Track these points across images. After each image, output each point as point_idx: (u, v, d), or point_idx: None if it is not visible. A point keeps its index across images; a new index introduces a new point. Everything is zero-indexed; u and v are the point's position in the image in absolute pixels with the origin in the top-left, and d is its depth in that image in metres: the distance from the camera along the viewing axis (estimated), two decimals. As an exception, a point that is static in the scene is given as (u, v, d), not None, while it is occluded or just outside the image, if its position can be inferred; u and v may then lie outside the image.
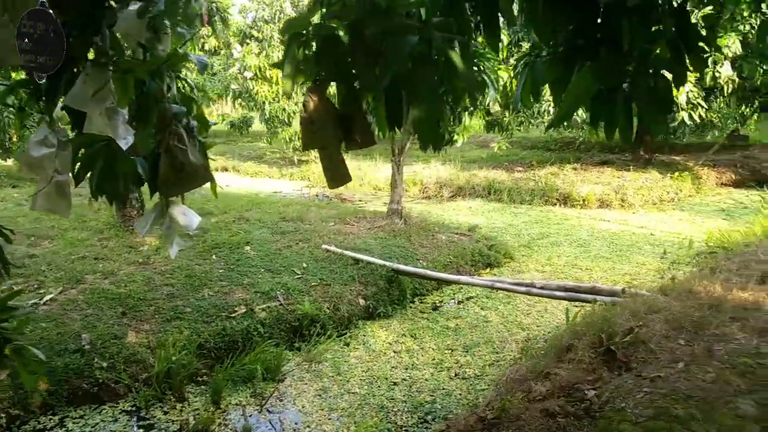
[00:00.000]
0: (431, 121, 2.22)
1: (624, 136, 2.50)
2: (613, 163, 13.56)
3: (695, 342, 3.27)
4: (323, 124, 2.50)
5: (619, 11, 2.42)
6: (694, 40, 2.89)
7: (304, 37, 2.31)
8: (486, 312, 6.09)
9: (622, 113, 2.51)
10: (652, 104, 2.55)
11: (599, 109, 2.56)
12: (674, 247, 8.24)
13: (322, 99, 2.45)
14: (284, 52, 2.34)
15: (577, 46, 2.61)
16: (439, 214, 11.01)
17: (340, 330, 5.68)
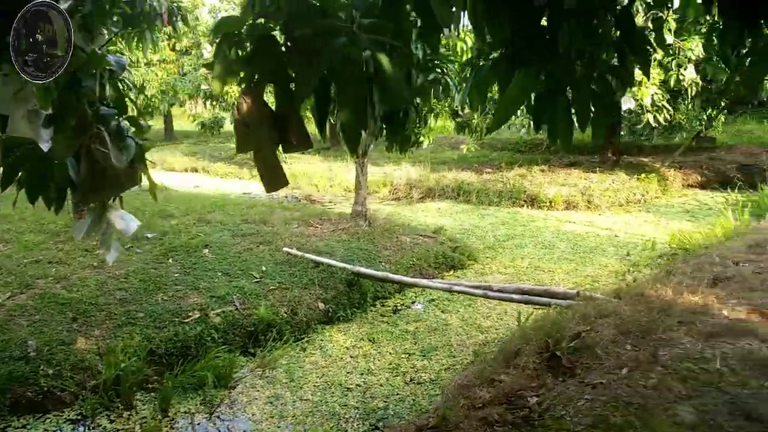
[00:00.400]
0: (355, 125, 2.15)
1: (564, 141, 2.46)
2: (581, 164, 13.65)
3: (641, 347, 3.25)
4: (257, 126, 2.41)
5: (557, 14, 2.38)
6: (639, 44, 2.88)
7: (237, 37, 2.24)
8: (446, 315, 6.05)
9: (562, 117, 2.47)
10: (596, 109, 2.52)
11: (541, 113, 2.53)
12: (637, 248, 8.30)
13: (257, 101, 2.36)
14: (215, 52, 2.26)
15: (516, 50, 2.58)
16: (407, 216, 10.97)
17: (297, 335, 5.59)
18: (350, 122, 2.17)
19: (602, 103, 2.47)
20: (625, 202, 11.50)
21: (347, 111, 2.18)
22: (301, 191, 14.30)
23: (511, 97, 2.43)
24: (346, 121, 2.18)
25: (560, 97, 2.44)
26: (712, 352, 3.14)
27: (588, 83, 2.45)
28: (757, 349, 3.16)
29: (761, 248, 5.45)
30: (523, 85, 2.41)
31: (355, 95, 2.18)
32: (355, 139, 2.19)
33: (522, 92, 2.44)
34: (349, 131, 2.17)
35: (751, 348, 3.17)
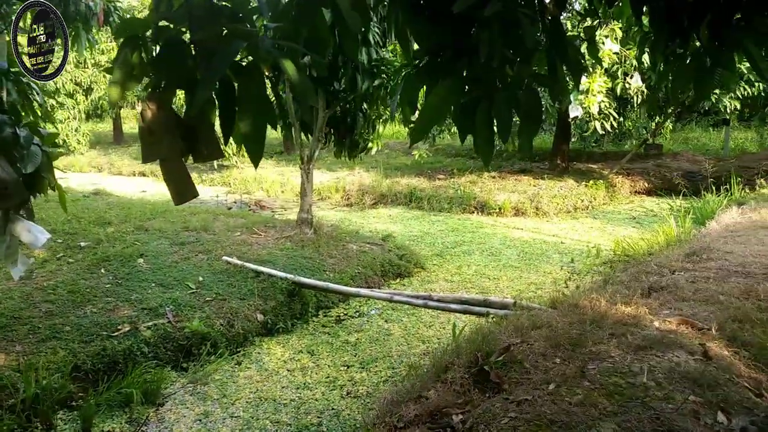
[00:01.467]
0: (256, 135, 2.02)
1: (483, 153, 2.39)
2: (532, 171, 13.79)
3: (570, 360, 3.20)
4: (163, 134, 2.25)
5: (478, 22, 2.30)
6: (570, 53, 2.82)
7: (141, 40, 2.09)
8: (389, 325, 5.95)
9: (482, 128, 2.39)
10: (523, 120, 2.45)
11: (464, 124, 2.45)
12: (582, 255, 8.37)
13: (162, 108, 2.21)
14: (116, 56, 2.10)
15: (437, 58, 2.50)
16: (357, 222, 10.87)
17: (233, 348, 5.39)
18: (251, 133, 2.04)
19: (529, 114, 2.41)
20: (573, 208, 11.64)
21: (248, 121, 2.05)
22: (250, 197, 14.04)
23: (432, 106, 2.34)
24: (247, 132, 2.05)
25: (481, 107, 2.36)
26: (640, 365, 3.11)
27: (510, 93, 2.38)
28: (684, 361, 3.15)
29: (698, 256, 5.52)
30: (445, 94, 2.33)
31: (256, 104, 2.06)
32: (258, 152, 2.06)
33: (444, 101, 2.35)
34: (251, 143, 2.04)
35: (678, 360, 3.16)
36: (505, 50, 2.31)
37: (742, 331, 3.59)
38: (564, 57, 2.64)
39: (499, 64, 2.31)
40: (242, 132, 2.06)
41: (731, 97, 10.86)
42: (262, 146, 2.06)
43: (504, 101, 2.36)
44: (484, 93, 2.38)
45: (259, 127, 2.05)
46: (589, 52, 3.76)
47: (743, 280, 4.60)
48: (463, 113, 2.46)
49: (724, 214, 8.18)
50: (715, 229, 7.24)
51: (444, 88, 2.35)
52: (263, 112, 2.06)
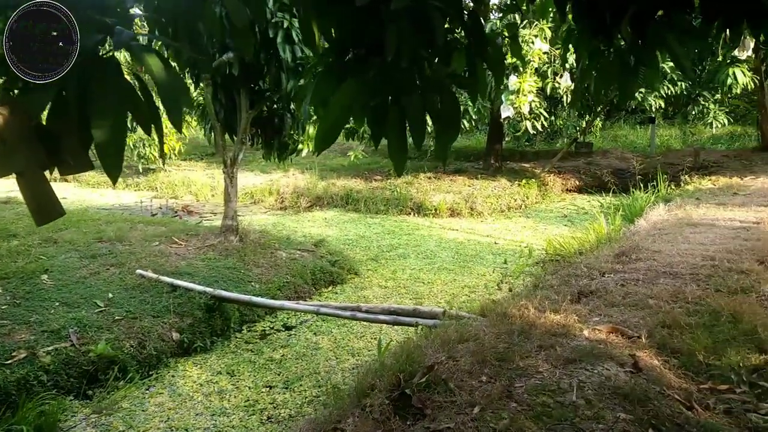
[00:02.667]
0: (112, 145, 1.69)
1: (397, 159, 2.13)
2: (467, 171, 13.77)
3: (497, 378, 3.00)
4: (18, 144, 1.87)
5: (384, 16, 2.04)
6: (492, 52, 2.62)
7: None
8: (318, 338, 5.65)
9: (393, 132, 2.13)
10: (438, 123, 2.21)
11: (376, 127, 2.18)
12: (515, 256, 8.31)
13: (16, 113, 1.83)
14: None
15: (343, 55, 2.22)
16: (291, 227, 10.51)
17: (144, 371, 4.96)
18: (108, 141, 1.71)
19: (445, 118, 2.17)
20: (507, 208, 11.64)
21: (103, 128, 1.71)
22: (178, 202, 13.42)
23: (337, 109, 2.06)
24: (103, 140, 1.71)
25: (392, 109, 2.10)
26: (569, 381, 2.94)
27: (424, 95, 2.13)
28: (614, 374, 2.99)
29: (627, 257, 5.48)
30: (351, 95, 2.06)
31: (114, 108, 1.73)
32: (116, 165, 1.73)
33: (350, 104, 2.08)
34: (106, 155, 1.71)
35: (608, 374, 3.01)
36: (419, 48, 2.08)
37: (671, 337, 3.48)
38: (484, 56, 2.43)
39: (409, 63, 2.06)
40: (97, 141, 1.72)
41: (656, 96, 11.11)
42: (121, 159, 1.73)
43: (416, 104, 2.11)
44: (394, 95, 2.12)
45: (116, 136, 1.72)
46: (512, 50, 3.59)
47: (671, 282, 4.55)
48: (375, 117, 2.20)
49: (652, 212, 8.28)
50: (644, 227, 7.29)
51: (350, 89, 2.08)
52: (120, 119, 1.73)
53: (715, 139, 18.57)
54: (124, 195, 14.64)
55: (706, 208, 8.03)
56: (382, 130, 2.17)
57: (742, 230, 6.52)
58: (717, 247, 5.65)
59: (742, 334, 3.56)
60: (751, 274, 4.68)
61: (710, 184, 10.87)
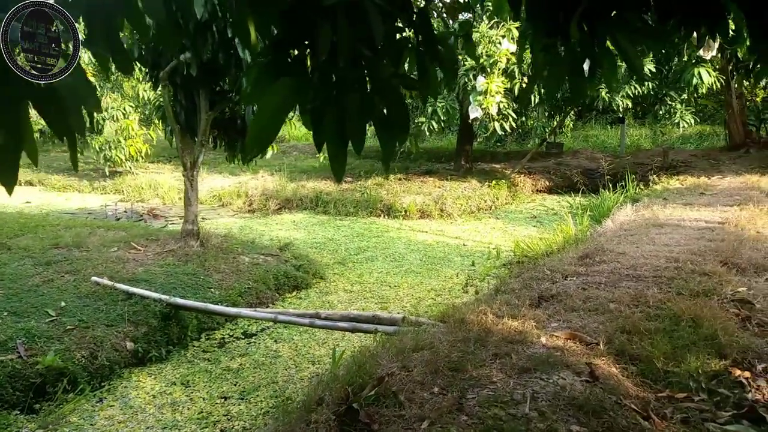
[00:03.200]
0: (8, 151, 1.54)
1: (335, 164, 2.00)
2: (437, 172, 13.70)
3: (449, 389, 2.89)
4: None
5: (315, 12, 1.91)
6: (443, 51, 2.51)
7: None
8: (278, 345, 5.49)
9: (332, 136, 2.01)
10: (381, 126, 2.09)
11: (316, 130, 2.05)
12: (483, 257, 8.24)
13: None
14: None
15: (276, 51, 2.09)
16: (258, 230, 10.33)
17: (96, 383, 4.76)
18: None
19: (389, 122, 2.05)
20: (477, 209, 11.59)
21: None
22: (144, 205, 13.12)
23: (270, 109, 1.92)
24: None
25: (329, 110, 1.98)
26: (523, 391, 2.84)
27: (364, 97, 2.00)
28: (569, 384, 2.91)
29: (591, 259, 5.42)
30: (285, 94, 1.92)
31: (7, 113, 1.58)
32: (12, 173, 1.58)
33: (284, 103, 1.94)
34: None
35: (564, 383, 2.92)
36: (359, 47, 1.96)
37: (630, 343, 3.41)
38: (435, 55, 2.33)
39: (347, 63, 1.94)
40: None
41: (623, 96, 11.16)
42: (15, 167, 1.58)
43: (355, 106, 1.98)
44: (332, 96, 1.99)
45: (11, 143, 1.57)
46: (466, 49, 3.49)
47: (634, 285, 4.50)
48: (314, 119, 2.07)
49: (619, 212, 8.28)
50: (611, 228, 7.27)
51: (283, 89, 1.94)
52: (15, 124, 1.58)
53: (685, 138, 18.79)
54: (90, 199, 14.28)
55: (672, 209, 8.05)
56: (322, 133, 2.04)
57: (707, 230, 6.52)
58: (681, 249, 5.63)
59: (702, 339, 3.51)
60: (713, 276, 4.65)
61: (678, 184, 10.94)
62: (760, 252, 5.66)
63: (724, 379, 3.17)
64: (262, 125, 1.97)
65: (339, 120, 1.98)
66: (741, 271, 5.04)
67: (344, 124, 1.99)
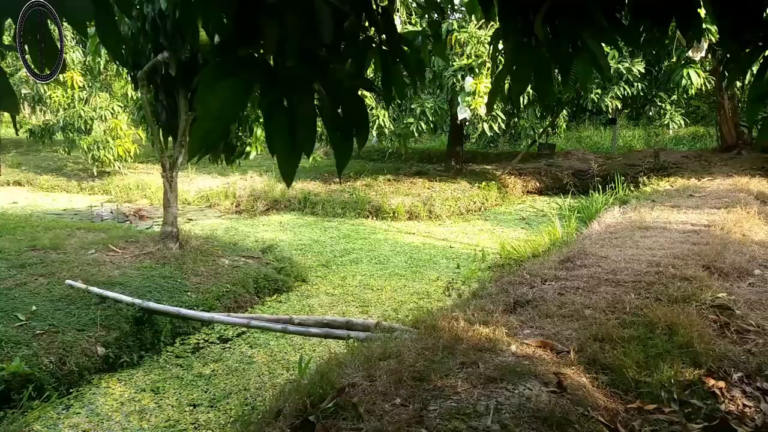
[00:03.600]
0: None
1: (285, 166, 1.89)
2: (427, 173, 13.60)
3: (411, 401, 2.79)
4: None
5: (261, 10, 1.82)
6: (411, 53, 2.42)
7: None
8: (254, 350, 5.39)
9: (281, 139, 1.90)
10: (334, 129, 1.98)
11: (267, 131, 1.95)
12: (469, 260, 8.15)
13: None
14: None
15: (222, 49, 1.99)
16: (244, 232, 10.22)
17: (64, 389, 4.65)
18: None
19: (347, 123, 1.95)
20: (465, 210, 11.50)
21: None
22: (131, 206, 13.00)
23: (214, 109, 1.81)
24: None
25: (276, 114, 1.87)
26: (487, 403, 2.74)
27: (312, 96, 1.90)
28: (535, 395, 2.81)
29: (572, 263, 5.33)
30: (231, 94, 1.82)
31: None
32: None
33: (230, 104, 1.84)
34: None
35: (530, 394, 2.82)
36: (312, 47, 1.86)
37: (602, 352, 3.32)
38: (399, 56, 2.23)
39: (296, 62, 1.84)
40: None
41: (612, 97, 11.08)
42: None
43: (305, 107, 1.88)
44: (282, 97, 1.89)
45: None
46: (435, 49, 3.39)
47: (612, 290, 4.40)
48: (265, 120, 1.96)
49: (607, 214, 8.20)
50: (596, 231, 7.18)
51: (229, 90, 1.83)
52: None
53: (678, 140, 18.74)
54: (77, 199, 14.16)
55: (660, 211, 7.96)
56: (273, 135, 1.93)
57: (692, 234, 6.44)
58: (664, 252, 5.54)
59: (677, 347, 3.42)
60: (694, 281, 4.56)
61: (668, 186, 10.87)
62: (745, 256, 5.58)
63: (698, 389, 3.07)
64: (207, 128, 1.86)
65: (289, 122, 1.88)
66: (723, 275, 4.95)
67: (294, 126, 1.89)
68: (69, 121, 15.34)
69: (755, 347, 3.57)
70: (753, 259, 5.58)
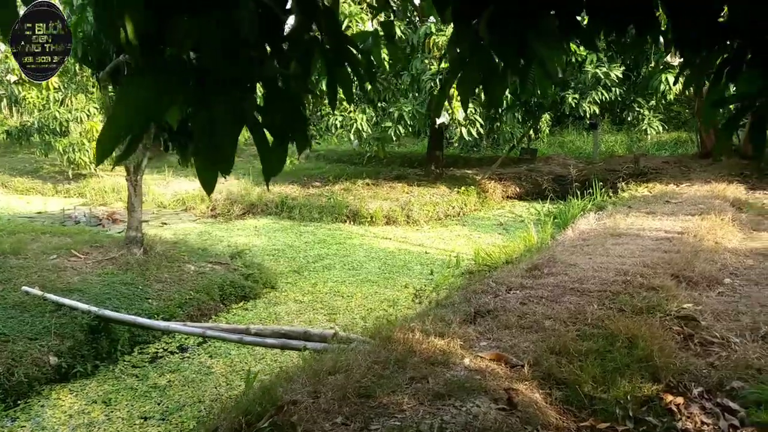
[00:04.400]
0: None
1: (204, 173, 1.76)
2: (407, 177, 13.48)
3: (354, 419, 2.66)
4: None
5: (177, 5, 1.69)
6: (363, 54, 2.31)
7: None
8: (213, 361, 5.23)
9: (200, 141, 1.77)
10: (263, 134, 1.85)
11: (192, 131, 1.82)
12: (443, 266, 8.03)
13: None
14: None
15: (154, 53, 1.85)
16: (217, 236, 10.04)
17: (11, 401, 4.47)
18: None
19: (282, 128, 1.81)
20: (444, 215, 11.39)
21: None
22: (106, 209, 12.77)
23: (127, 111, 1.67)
24: None
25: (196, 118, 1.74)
26: (432, 421, 2.61)
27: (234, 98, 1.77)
28: (483, 413, 2.68)
29: (539, 271, 5.23)
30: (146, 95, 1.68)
31: None
32: None
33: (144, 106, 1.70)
34: None
35: (477, 412, 2.70)
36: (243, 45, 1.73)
37: (559, 366, 3.20)
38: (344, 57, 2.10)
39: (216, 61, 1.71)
40: None
41: (590, 102, 11.03)
42: None
43: (224, 110, 1.74)
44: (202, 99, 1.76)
45: None
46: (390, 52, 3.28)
47: (576, 300, 4.30)
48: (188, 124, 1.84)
49: (581, 220, 8.12)
50: (570, 237, 7.09)
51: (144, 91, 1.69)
52: None
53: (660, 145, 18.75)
54: (52, 202, 13.91)
55: (635, 217, 7.89)
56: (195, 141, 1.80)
57: (664, 241, 6.36)
58: (634, 261, 5.45)
59: (636, 361, 3.31)
60: (661, 291, 4.46)
61: (646, 191, 10.81)
62: (716, 264, 5.51)
63: (655, 405, 2.97)
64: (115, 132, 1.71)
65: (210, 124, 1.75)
66: (692, 284, 4.87)
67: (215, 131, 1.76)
68: (44, 123, 15.07)
69: (718, 360, 3.48)
70: (724, 268, 5.52)
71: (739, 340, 3.71)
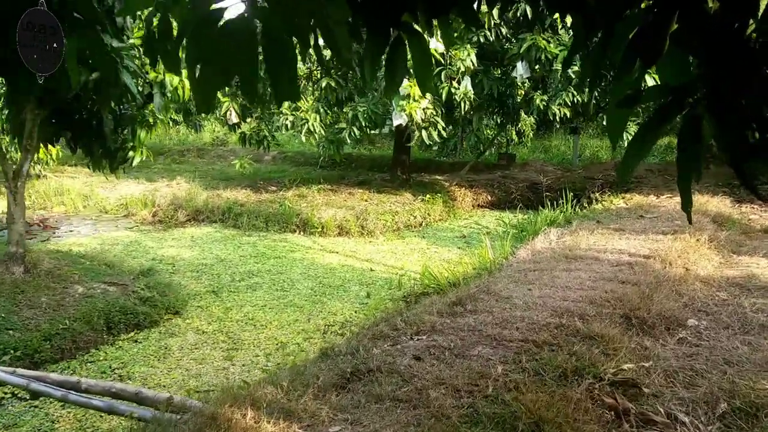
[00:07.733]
0: None
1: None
2: (370, 183, 12.50)
3: None
4: None
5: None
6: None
7: None
8: (63, 412, 4.22)
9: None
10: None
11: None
12: (384, 287, 7.07)
13: None
14: None
15: None
16: (146, 248, 9.07)
17: None
18: None
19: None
20: (403, 226, 10.42)
21: None
22: (44, 213, 11.81)
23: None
24: None
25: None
26: None
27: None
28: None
29: (462, 307, 4.27)
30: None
31: None
32: None
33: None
34: None
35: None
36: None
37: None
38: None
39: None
40: None
41: (560, 104, 10.07)
42: None
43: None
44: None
45: None
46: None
47: (487, 353, 3.34)
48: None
49: (540, 238, 7.17)
50: (521, 259, 6.15)
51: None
52: None
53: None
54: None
55: (600, 235, 6.94)
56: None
57: (625, 267, 5.41)
58: (581, 294, 4.50)
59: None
60: (599, 341, 3.51)
61: (622, 203, 9.88)
62: (680, 300, 4.57)
63: None
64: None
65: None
66: (646, 329, 3.92)
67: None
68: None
69: (657, 453, 2.53)
70: (690, 304, 4.57)
71: (688, 419, 2.75)
